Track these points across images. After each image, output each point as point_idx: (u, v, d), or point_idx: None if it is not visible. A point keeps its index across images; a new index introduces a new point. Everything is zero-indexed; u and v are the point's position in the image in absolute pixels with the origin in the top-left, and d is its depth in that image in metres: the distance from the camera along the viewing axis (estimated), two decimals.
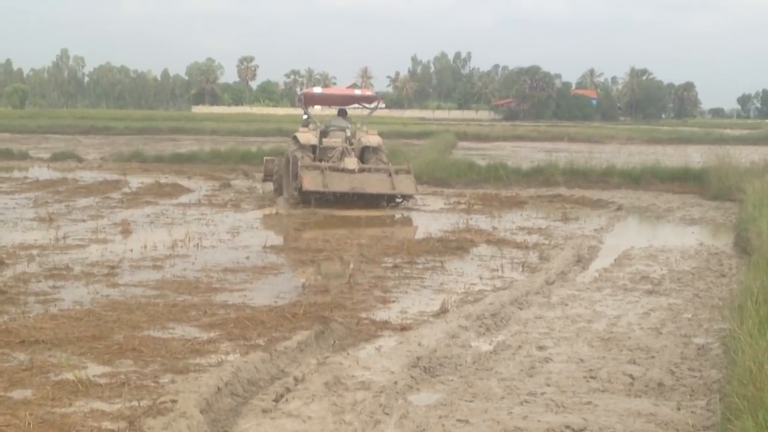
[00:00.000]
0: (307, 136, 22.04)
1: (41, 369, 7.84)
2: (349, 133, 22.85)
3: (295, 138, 22.47)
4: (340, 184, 20.91)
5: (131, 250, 14.40)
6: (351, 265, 13.69)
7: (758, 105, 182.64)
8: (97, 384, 7.47)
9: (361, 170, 21.28)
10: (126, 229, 16.74)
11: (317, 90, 26.51)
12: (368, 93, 26.63)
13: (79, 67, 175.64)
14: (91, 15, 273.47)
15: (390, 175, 21.25)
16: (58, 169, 31.19)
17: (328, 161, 21.58)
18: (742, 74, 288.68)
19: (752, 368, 6.36)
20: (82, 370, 7.77)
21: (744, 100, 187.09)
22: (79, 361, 8.12)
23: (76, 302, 10.58)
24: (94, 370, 7.89)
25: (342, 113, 24.05)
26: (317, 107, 35.83)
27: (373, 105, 24.85)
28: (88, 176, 28.19)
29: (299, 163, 21.13)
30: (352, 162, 21.32)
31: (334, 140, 22.42)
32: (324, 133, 22.89)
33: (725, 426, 6.02)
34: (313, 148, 22.11)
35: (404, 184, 21.27)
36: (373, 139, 22.28)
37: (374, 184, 21.16)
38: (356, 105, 25.92)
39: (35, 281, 11.72)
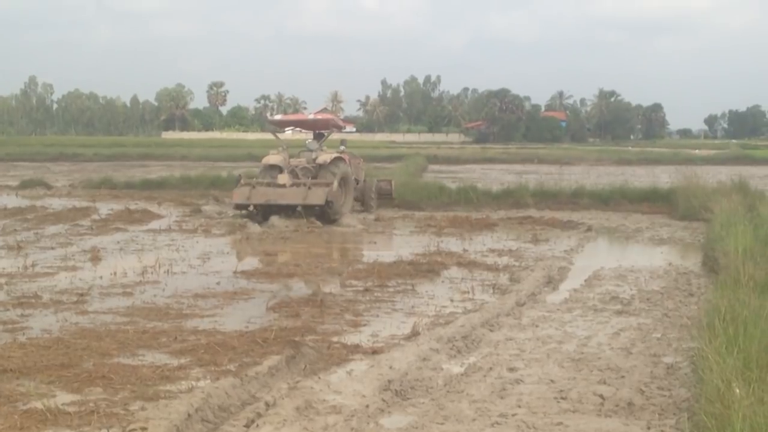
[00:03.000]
0: (268, 158, 25.03)
1: (9, 398, 7.78)
2: (314, 155, 24.83)
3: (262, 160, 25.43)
4: (261, 197, 23.43)
5: (101, 278, 14.34)
6: (322, 289, 13.68)
7: (725, 125, 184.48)
8: (66, 412, 7.43)
9: (292, 185, 23.56)
10: (95, 256, 16.66)
11: (278, 117, 30.49)
12: (320, 117, 29.42)
13: (48, 94, 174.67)
14: (59, 41, 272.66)
15: (309, 188, 23.19)
16: (27, 196, 30.97)
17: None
18: (709, 95, 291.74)
19: (720, 387, 6.41)
20: (50, 398, 7.72)
21: (711, 120, 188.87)
22: (47, 390, 8.07)
23: (44, 330, 10.52)
24: (63, 398, 7.84)
25: (318, 137, 26.15)
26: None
27: (327, 132, 26.75)
28: (57, 203, 28.01)
29: (240, 181, 24.11)
30: (283, 178, 23.70)
31: (299, 160, 24.93)
32: (296, 155, 25.33)
33: None
34: (279, 167, 24.36)
35: (315, 195, 23.02)
36: (323, 157, 24.62)
37: (290, 196, 23.29)
38: (329, 130, 27.05)
39: (3, 309, 11.65)
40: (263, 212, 23.34)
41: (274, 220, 22.78)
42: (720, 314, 8.75)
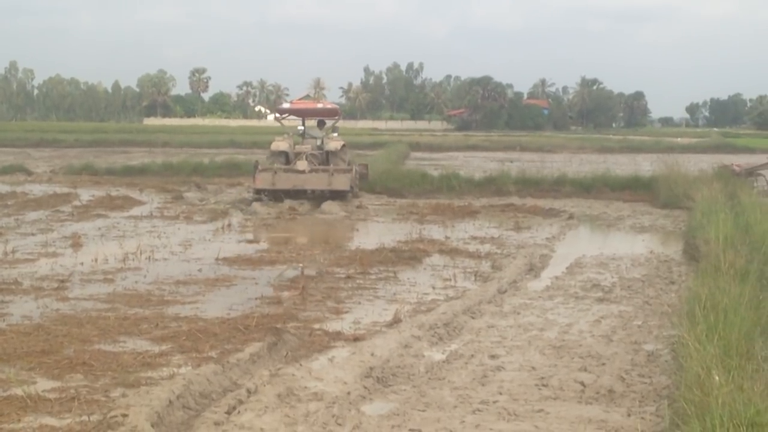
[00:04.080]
0: (277, 144, 25.83)
1: None
2: (319, 142, 26.12)
3: (270, 146, 26.45)
4: (285, 182, 24.41)
5: (82, 264, 14.29)
6: (304, 276, 13.66)
7: (706, 114, 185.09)
8: (47, 399, 7.41)
9: (311, 171, 24.64)
10: (76, 243, 16.59)
11: (285, 105, 31.26)
12: (329, 106, 29.95)
13: (29, 80, 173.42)
14: (40, 27, 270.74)
15: (332, 174, 24.43)
16: (7, 182, 30.77)
17: (296, 160, 25.13)
18: (690, 84, 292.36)
19: (700, 374, 6.44)
20: (31, 385, 7.70)
21: (693, 109, 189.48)
22: (28, 376, 8.05)
23: (25, 317, 10.48)
24: (44, 385, 7.82)
25: (320, 124, 27.58)
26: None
27: (335, 117, 28.70)
28: (37, 189, 27.88)
29: (258, 167, 24.65)
30: (302, 164, 24.73)
31: (305, 147, 25.91)
32: (300, 141, 26.39)
33: (673, 431, 6.09)
34: (285, 154, 25.43)
35: (339, 181, 24.52)
36: (332, 145, 25.66)
37: (314, 182, 24.62)
38: (326, 118, 28.30)
39: None
40: (275, 197, 24.21)
41: (257, 207, 22.98)
42: (700, 302, 8.79)
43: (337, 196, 24.38)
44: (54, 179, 32.55)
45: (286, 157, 25.43)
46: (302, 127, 27.34)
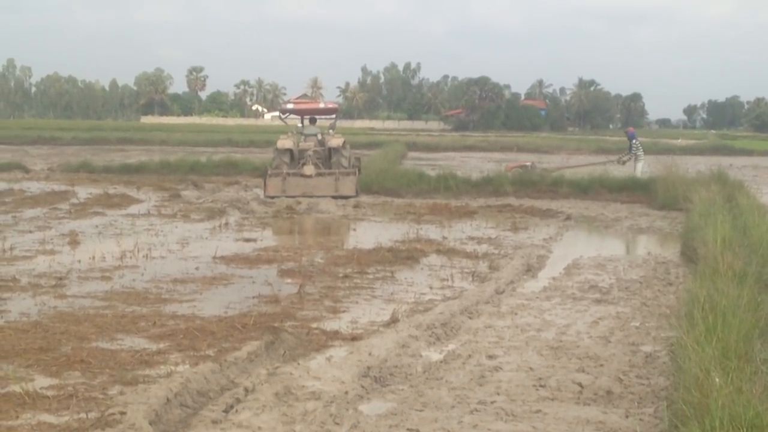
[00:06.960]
0: (283, 142, 26.46)
1: None
2: (320, 137, 27.07)
3: (275, 144, 27.06)
4: (295, 189, 25.14)
5: (79, 261, 14.27)
6: (301, 275, 13.64)
7: (704, 116, 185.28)
8: (45, 396, 7.40)
9: (318, 174, 25.45)
10: (74, 240, 16.58)
11: (290, 105, 31.74)
12: (330, 106, 30.98)
13: (26, 77, 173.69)
14: (38, 24, 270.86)
15: (337, 179, 25.42)
16: (5, 179, 30.73)
17: (302, 163, 25.77)
18: (688, 85, 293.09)
19: (699, 375, 6.43)
20: (29, 382, 7.69)
21: (690, 110, 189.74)
22: (26, 374, 8.04)
23: (22, 314, 10.47)
24: (42, 382, 7.81)
25: (312, 121, 28.41)
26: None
27: (333, 115, 29.63)
28: (35, 187, 27.87)
29: (268, 172, 25.64)
30: (309, 169, 25.44)
31: (308, 144, 26.74)
32: (303, 139, 27.14)
33: None
34: (290, 151, 26.17)
35: (345, 186, 25.55)
36: (335, 141, 26.52)
37: (322, 187, 25.33)
38: (326, 116, 29.92)
39: None
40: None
41: (254, 205, 23.08)
42: (699, 304, 8.77)
43: (343, 198, 25.14)
44: (51, 177, 32.53)
45: (291, 154, 26.15)
46: (301, 125, 28.04)
